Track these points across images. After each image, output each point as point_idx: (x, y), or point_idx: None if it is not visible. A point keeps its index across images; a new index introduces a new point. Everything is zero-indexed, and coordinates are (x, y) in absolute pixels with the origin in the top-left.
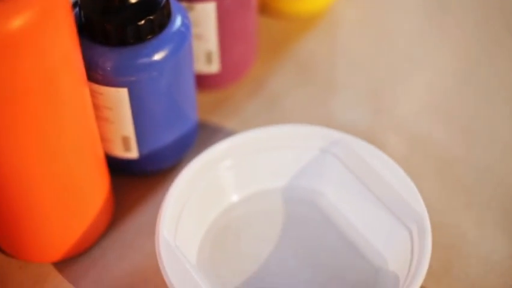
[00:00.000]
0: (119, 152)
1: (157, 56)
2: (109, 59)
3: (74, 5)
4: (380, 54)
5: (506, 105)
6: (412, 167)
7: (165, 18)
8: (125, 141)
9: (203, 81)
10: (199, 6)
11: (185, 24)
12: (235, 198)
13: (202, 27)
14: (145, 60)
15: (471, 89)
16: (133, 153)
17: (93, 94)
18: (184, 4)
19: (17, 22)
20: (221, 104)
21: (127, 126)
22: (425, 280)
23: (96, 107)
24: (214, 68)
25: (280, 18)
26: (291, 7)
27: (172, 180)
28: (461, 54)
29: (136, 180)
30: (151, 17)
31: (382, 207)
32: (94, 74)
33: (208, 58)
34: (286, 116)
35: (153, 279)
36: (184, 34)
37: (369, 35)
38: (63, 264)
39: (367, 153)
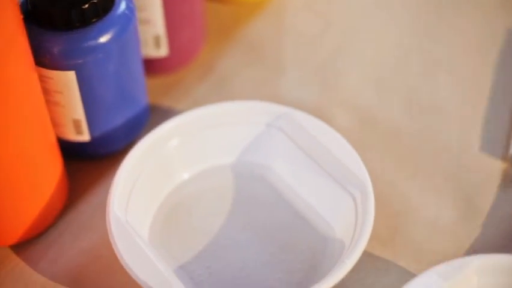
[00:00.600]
0: (71, 136)
1: (103, 39)
2: (56, 43)
3: None
4: (326, 34)
5: (449, 76)
6: (359, 139)
7: (109, 2)
8: (77, 124)
9: (153, 65)
10: None
11: (130, 8)
12: (185, 175)
13: (148, 12)
14: (90, 43)
15: (414, 62)
16: (85, 136)
17: (43, 79)
18: None
19: None
20: (172, 87)
21: (77, 109)
22: (373, 246)
23: (47, 91)
24: (163, 52)
25: (230, 3)
26: None
27: None
28: (404, 29)
29: (90, 163)
30: (95, 1)
31: (328, 178)
32: (42, 58)
33: (157, 42)
34: (236, 97)
35: (107, 256)
36: (129, 17)
37: (315, 16)
38: (20, 247)
39: (311, 125)
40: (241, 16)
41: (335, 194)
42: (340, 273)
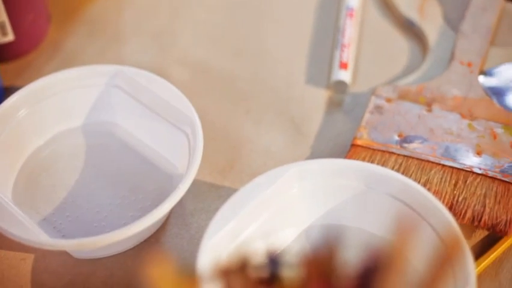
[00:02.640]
0: None
1: None
2: None
3: None
4: (161, 4)
5: (274, 24)
6: (195, 88)
7: None
8: None
9: (3, 51)
10: None
11: None
12: (40, 141)
13: None
14: None
15: (242, 17)
16: None
17: None
18: None
19: None
20: (24, 69)
21: None
22: (214, 178)
23: None
24: (10, 37)
25: None
26: None
27: None
28: None
29: None
30: None
31: (164, 122)
32: None
33: (2, 29)
34: None
35: None
36: None
37: None
38: None
39: (142, 78)
40: None
41: (172, 135)
42: (175, 197)
